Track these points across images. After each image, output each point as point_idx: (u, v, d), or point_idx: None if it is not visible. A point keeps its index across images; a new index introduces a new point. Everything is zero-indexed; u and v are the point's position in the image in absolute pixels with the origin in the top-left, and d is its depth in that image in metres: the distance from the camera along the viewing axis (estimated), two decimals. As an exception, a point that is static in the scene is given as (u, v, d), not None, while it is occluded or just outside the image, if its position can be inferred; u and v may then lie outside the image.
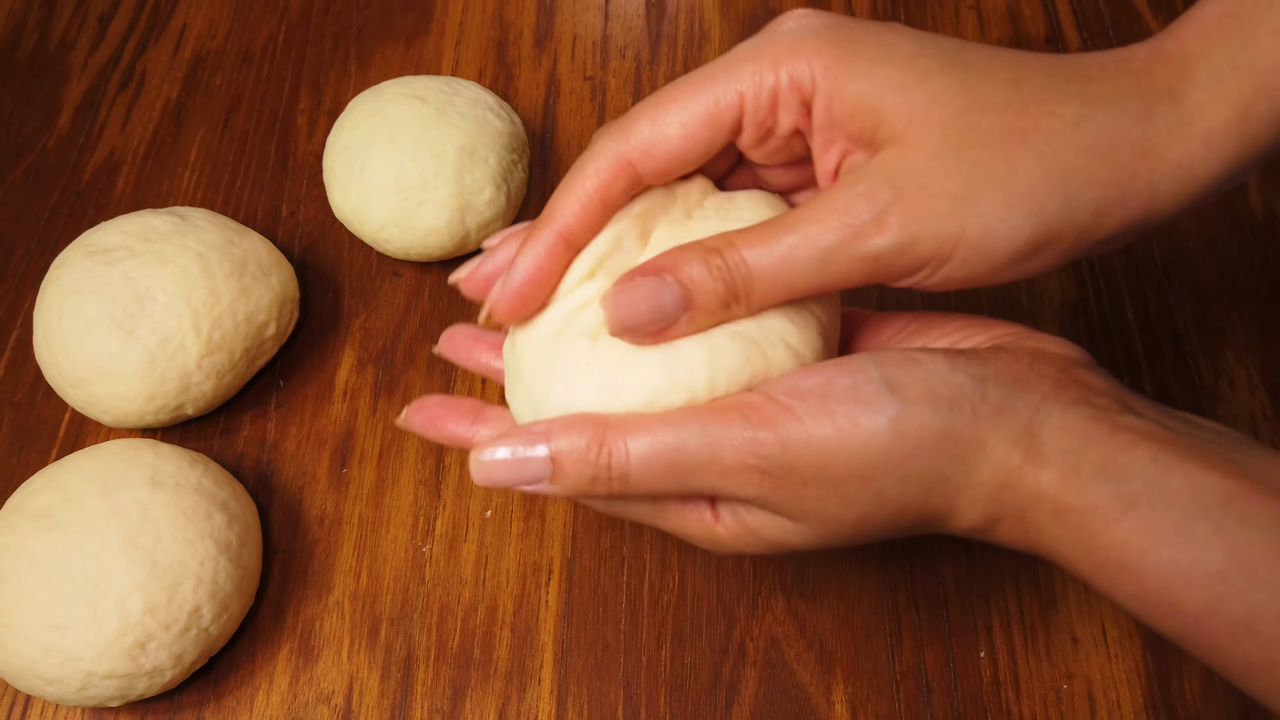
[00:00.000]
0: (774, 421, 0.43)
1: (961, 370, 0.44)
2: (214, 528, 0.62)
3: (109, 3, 0.93)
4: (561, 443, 0.45)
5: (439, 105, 0.74)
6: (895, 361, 0.44)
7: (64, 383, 0.68)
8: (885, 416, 0.43)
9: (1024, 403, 0.43)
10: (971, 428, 0.43)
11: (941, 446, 0.43)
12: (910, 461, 0.43)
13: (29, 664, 0.59)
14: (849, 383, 0.44)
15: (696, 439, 0.44)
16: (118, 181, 0.83)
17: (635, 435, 0.45)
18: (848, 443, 0.43)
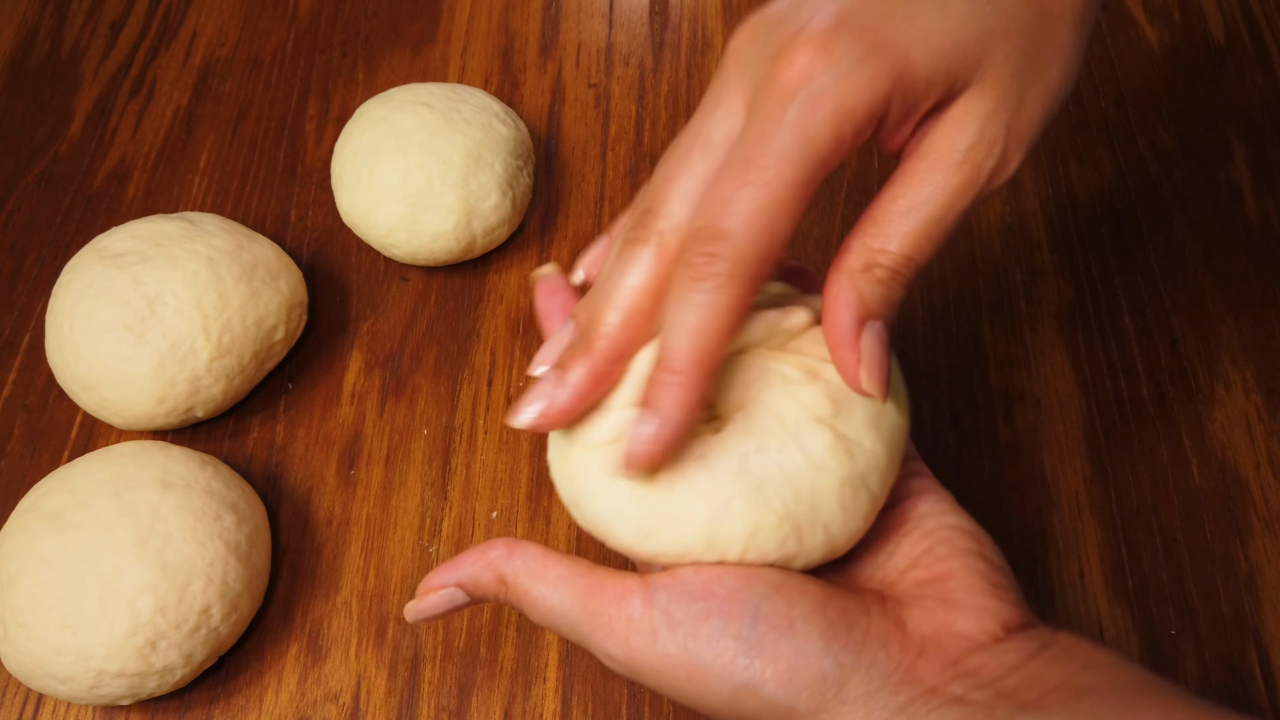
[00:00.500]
0: (632, 643, 0.44)
1: (832, 657, 0.42)
2: (223, 529, 0.62)
3: (120, 11, 0.93)
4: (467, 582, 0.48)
5: (445, 112, 0.74)
6: (772, 622, 0.43)
7: (76, 386, 0.68)
8: (729, 684, 0.42)
9: (886, 705, 0.42)
10: (813, 718, 0.42)
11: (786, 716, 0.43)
12: (748, 715, 0.43)
13: (41, 663, 0.59)
14: (717, 631, 0.43)
15: (568, 629, 0.46)
16: (129, 187, 0.83)
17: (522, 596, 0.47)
18: (696, 689, 0.43)
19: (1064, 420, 0.71)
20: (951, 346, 0.73)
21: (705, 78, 0.86)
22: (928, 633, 0.44)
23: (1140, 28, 0.87)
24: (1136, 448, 0.69)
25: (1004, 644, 0.43)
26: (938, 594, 0.45)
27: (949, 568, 0.46)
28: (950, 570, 0.45)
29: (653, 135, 0.83)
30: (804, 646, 0.42)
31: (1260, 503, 0.67)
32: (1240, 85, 0.85)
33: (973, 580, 0.45)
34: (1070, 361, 0.73)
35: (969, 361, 0.73)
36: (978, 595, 0.44)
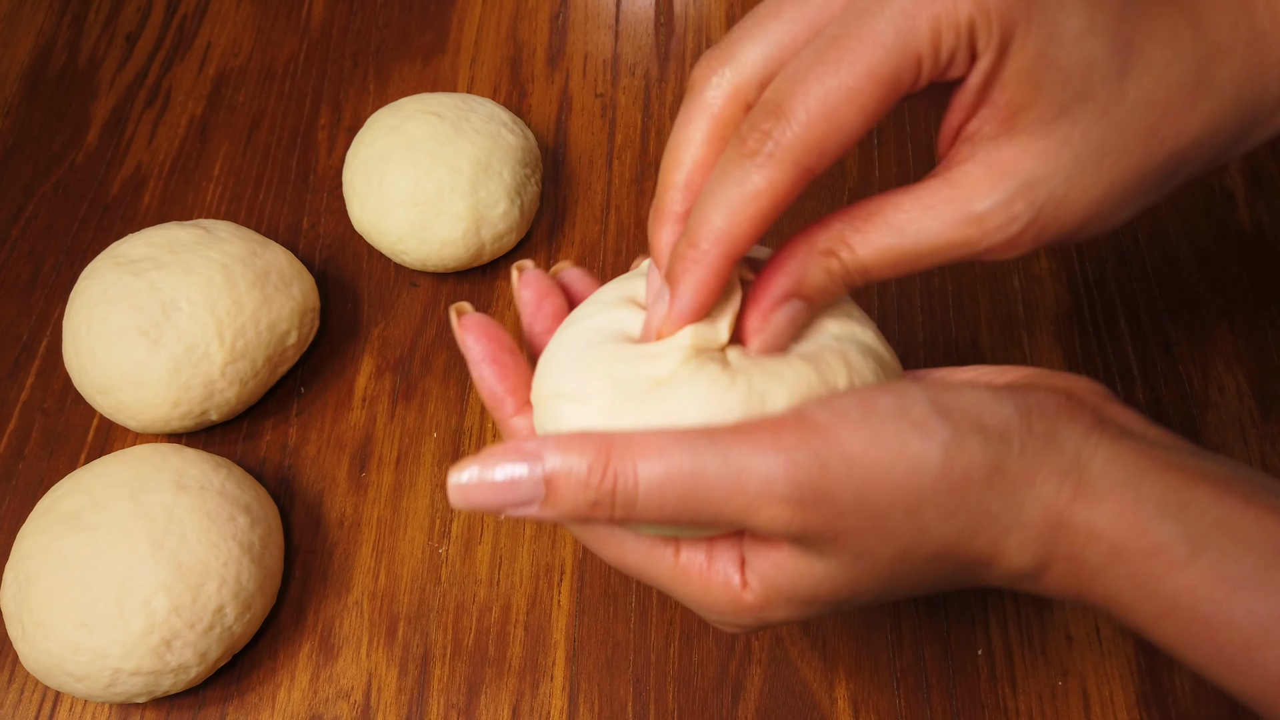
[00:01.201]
0: (810, 441, 0.37)
1: (1006, 402, 0.39)
2: (237, 530, 0.62)
3: (136, 22, 0.93)
4: (557, 462, 0.38)
5: (455, 121, 0.74)
6: (940, 390, 0.39)
7: (92, 389, 0.68)
8: (937, 441, 0.37)
9: (1069, 434, 0.39)
10: (1020, 461, 0.38)
11: (991, 480, 0.38)
12: (959, 494, 0.38)
13: (59, 661, 0.59)
14: (894, 403, 0.38)
15: (717, 465, 0.37)
16: (144, 195, 0.83)
17: (646, 457, 0.37)
18: (894, 466, 0.37)
19: (1061, 423, 0.71)
20: (951, 351, 0.73)
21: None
22: (1059, 385, 0.42)
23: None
24: (1132, 450, 0.69)
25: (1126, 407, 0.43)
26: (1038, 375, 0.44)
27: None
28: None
29: (658, 144, 0.83)
30: (979, 400, 0.39)
31: (1254, 505, 0.67)
32: (1234, 95, 0.84)
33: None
34: (1067, 366, 0.73)
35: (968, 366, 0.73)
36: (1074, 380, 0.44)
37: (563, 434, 0.39)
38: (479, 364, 0.46)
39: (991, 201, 0.39)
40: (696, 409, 0.40)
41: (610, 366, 0.42)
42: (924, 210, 0.40)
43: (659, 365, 0.41)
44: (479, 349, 0.46)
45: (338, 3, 0.93)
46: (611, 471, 0.38)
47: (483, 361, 0.46)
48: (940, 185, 0.40)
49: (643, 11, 0.91)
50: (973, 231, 0.39)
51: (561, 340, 0.45)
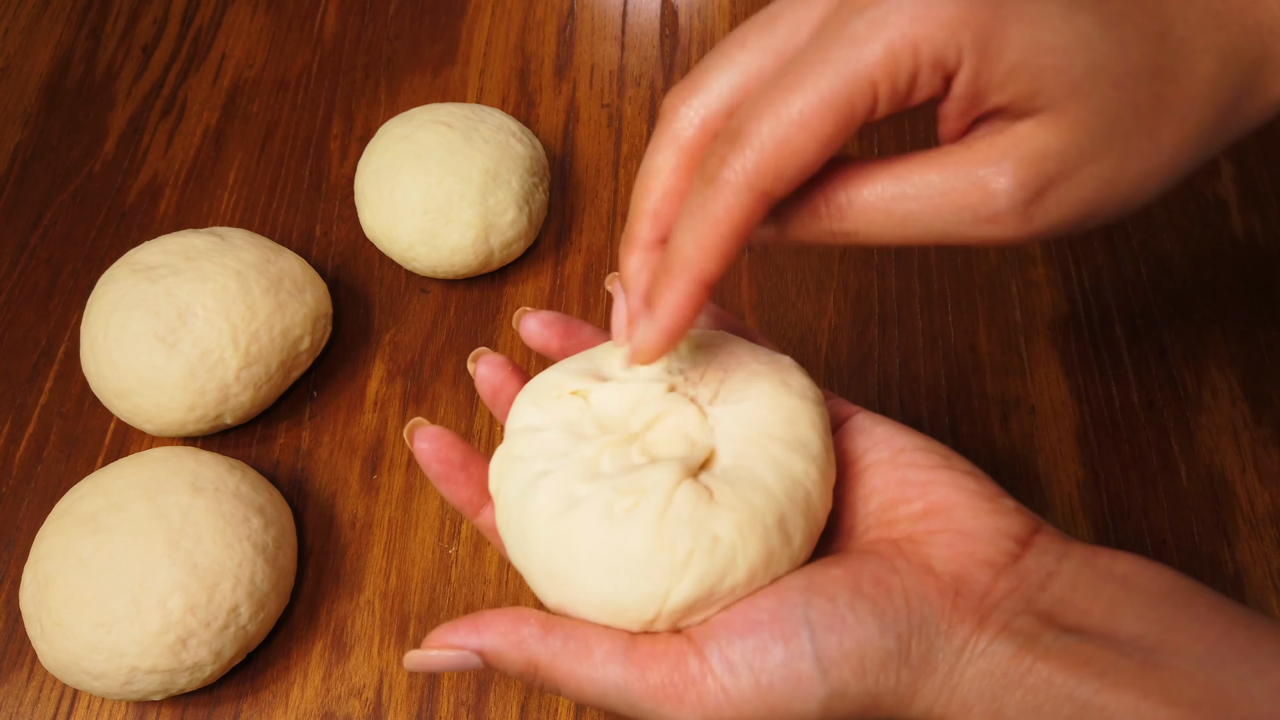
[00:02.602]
0: (701, 696, 0.41)
1: (890, 631, 0.41)
2: (251, 531, 0.62)
3: (152, 34, 0.93)
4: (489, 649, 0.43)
5: (464, 131, 0.74)
6: (826, 625, 0.41)
7: (109, 394, 0.68)
8: (816, 700, 0.40)
9: (945, 652, 0.41)
10: (894, 693, 0.41)
11: (869, 713, 0.41)
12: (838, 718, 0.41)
13: (76, 659, 0.59)
14: (783, 657, 0.40)
15: (622, 706, 0.42)
16: (160, 203, 0.83)
17: (562, 680, 0.43)
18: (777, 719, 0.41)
19: (1058, 426, 0.70)
20: (950, 356, 0.73)
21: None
22: (955, 570, 0.42)
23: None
24: (1127, 453, 0.69)
25: (1023, 562, 0.42)
26: (947, 525, 0.43)
27: (942, 495, 0.44)
28: (946, 498, 0.44)
29: (662, 153, 0.83)
30: (863, 635, 0.40)
31: (1246, 506, 0.67)
32: (1227, 105, 0.84)
33: (973, 502, 0.44)
34: (1064, 370, 0.72)
35: (966, 371, 0.73)
36: (984, 516, 0.43)
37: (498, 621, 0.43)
38: (436, 481, 0.49)
39: (999, 168, 0.38)
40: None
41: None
42: (929, 165, 0.39)
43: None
44: (433, 469, 0.49)
45: (350, 15, 0.93)
46: (535, 679, 0.43)
47: (438, 480, 0.49)
48: (949, 150, 0.39)
49: (648, 24, 0.91)
50: (976, 196, 0.38)
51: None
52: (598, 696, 0.42)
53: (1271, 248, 0.77)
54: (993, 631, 0.40)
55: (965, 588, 0.42)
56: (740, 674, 0.41)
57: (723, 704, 0.40)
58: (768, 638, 0.41)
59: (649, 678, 0.41)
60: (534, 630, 0.43)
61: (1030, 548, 0.43)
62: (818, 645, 0.40)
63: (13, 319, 0.78)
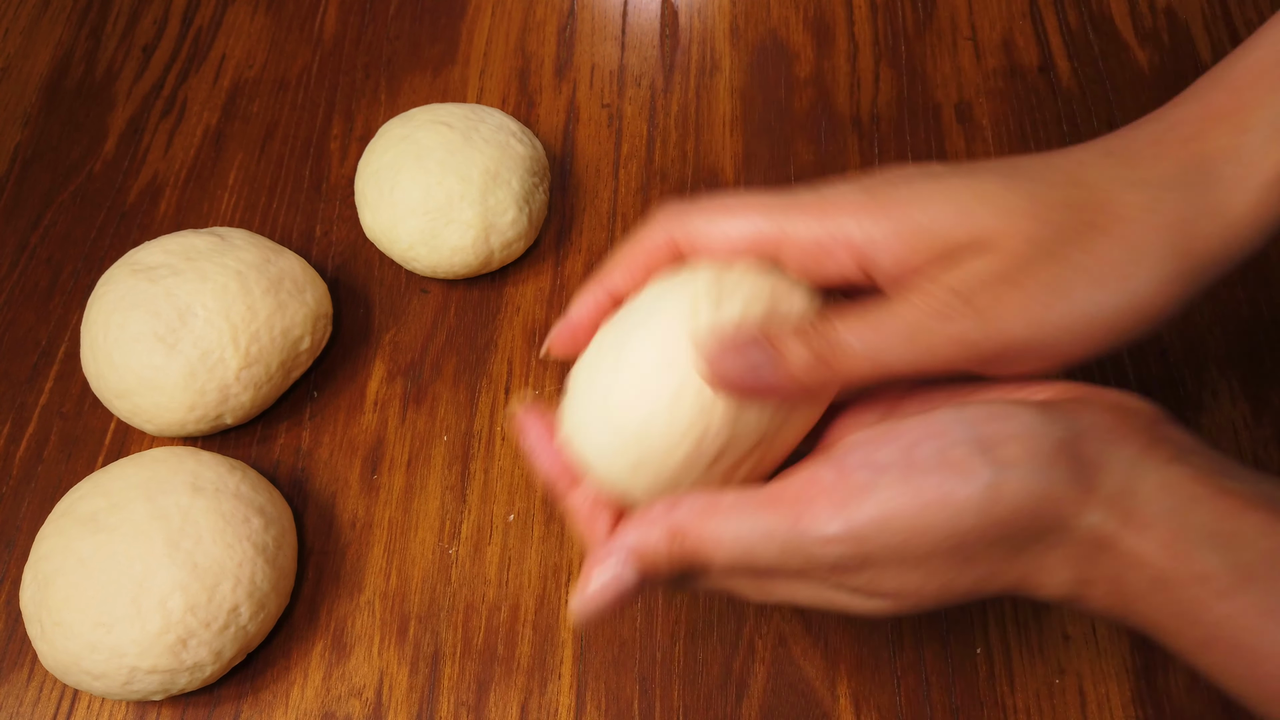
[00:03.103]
0: (848, 510, 0.39)
1: (1057, 423, 0.39)
2: (251, 531, 0.62)
3: (152, 34, 0.93)
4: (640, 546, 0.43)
5: (464, 131, 0.74)
6: (985, 418, 0.40)
7: (110, 394, 0.68)
8: (979, 483, 0.38)
9: (1120, 459, 0.39)
10: (1070, 487, 0.38)
11: (1039, 509, 0.38)
12: (1003, 526, 0.38)
13: (77, 660, 0.59)
14: (935, 448, 0.39)
15: (765, 539, 0.40)
16: (160, 203, 0.83)
17: (705, 526, 0.42)
18: (935, 518, 0.38)
19: (1058, 427, 0.70)
20: (950, 356, 0.73)
21: (714, 98, 0.86)
22: (1117, 401, 0.42)
23: (1131, 50, 0.87)
24: (1128, 453, 0.69)
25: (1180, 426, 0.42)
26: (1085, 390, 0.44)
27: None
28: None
29: (663, 154, 0.83)
30: (1027, 425, 0.39)
31: (1247, 506, 0.67)
32: (1227, 105, 0.84)
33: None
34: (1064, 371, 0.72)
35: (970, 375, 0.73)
36: (1127, 397, 0.43)
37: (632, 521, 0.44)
38: (535, 452, 0.50)
39: (947, 283, 0.42)
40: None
41: None
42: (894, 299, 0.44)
43: None
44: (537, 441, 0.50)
45: (350, 15, 0.93)
46: (688, 546, 0.42)
47: (538, 450, 0.50)
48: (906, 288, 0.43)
49: (648, 24, 0.91)
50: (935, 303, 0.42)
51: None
52: (740, 546, 0.41)
53: (1272, 249, 0.77)
54: (1167, 454, 0.39)
55: (1129, 415, 0.41)
56: (887, 470, 0.39)
57: (865, 505, 0.39)
58: (917, 437, 0.40)
59: (784, 504, 0.40)
60: (660, 508, 0.43)
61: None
62: (979, 431, 0.39)
63: (13, 319, 0.78)
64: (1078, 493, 0.38)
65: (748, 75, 0.87)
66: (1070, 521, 0.38)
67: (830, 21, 0.90)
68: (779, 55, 0.88)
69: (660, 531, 0.42)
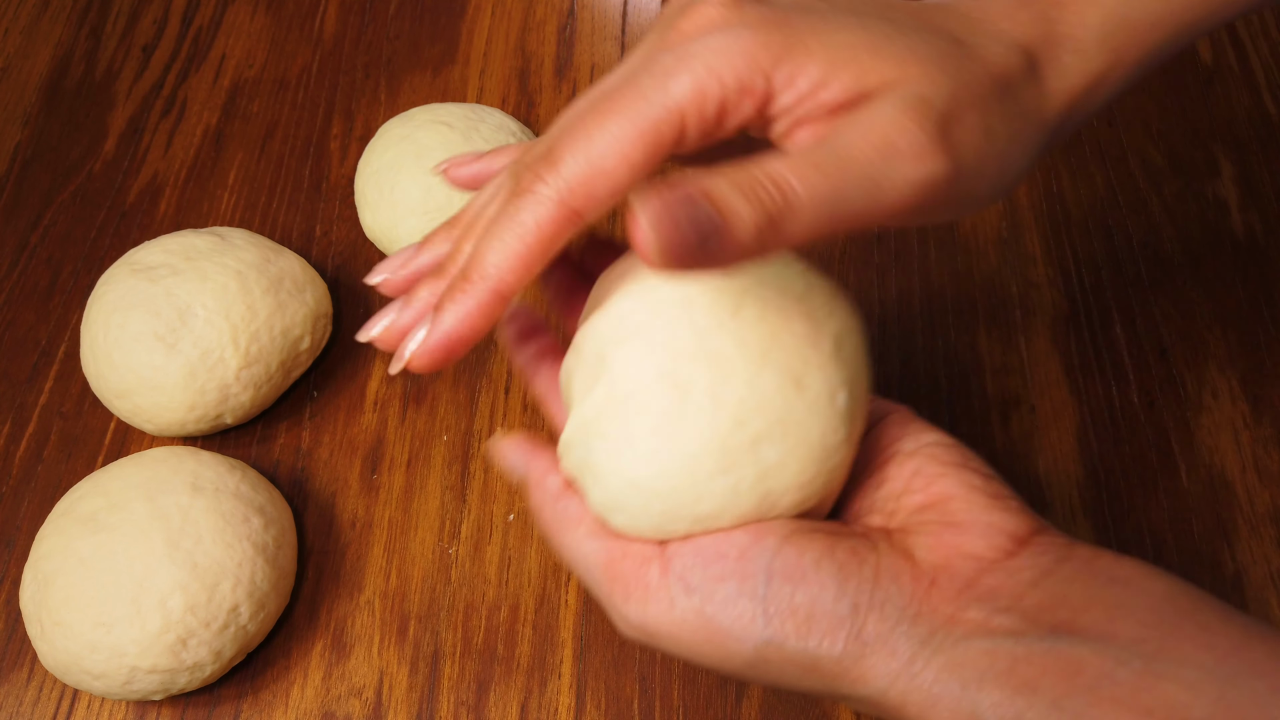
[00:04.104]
0: (649, 606, 0.42)
1: (847, 599, 0.40)
2: (251, 531, 0.62)
3: (152, 34, 0.93)
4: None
5: (465, 131, 0.74)
6: (786, 575, 0.41)
7: (109, 393, 0.68)
8: (752, 642, 0.41)
9: (908, 639, 0.39)
10: (838, 664, 0.40)
11: (813, 669, 0.40)
12: (778, 669, 0.41)
13: (77, 659, 0.59)
14: (733, 594, 0.41)
15: (586, 569, 0.45)
16: (160, 203, 0.83)
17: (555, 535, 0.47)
18: (712, 654, 0.42)
19: (1058, 426, 0.70)
20: (950, 356, 0.73)
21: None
22: (937, 560, 0.41)
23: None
24: (1127, 453, 0.69)
25: (1017, 559, 0.40)
26: (940, 518, 0.42)
27: (944, 488, 0.43)
28: (946, 490, 0.43)
29: (662, 153, 0.83)
30: (819, 594, 0.40)
31: (1246, 506, 0.67)
32: (1227, 105, 0.84)
33: (971, 496, 0.42)
34: (1064, 370, 0.72)
35: (967, 370, 0.73)
36: (979, 511, 0.42)
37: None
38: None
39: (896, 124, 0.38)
40: None
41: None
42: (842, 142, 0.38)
43: None
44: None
45: (350, 15, 0.93)
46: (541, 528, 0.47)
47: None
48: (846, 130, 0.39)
49: (648, 24, 0.91)
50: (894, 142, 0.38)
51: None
52: (575, 560, 0.45)
53: (1271, 248, 0.77)
54: (968, 627, 0.39)
55: (943, 578, 0.40)
56: (692, 596, 0.42)
57: (664, 614, 0.42)
58: (727, 571, 0.42)
59: (615, 568, 0.44)
60: (553, 485, 0.47)
61: (1027, 546, 0.41)
62: (770, 591, 0.41)
63: (13, 319, 0.78)
64: (848, 669, 0.40)
65: (748, 75, 0.87)
66: (847, 690, 0.40)
67: (830, 21, 0.90)
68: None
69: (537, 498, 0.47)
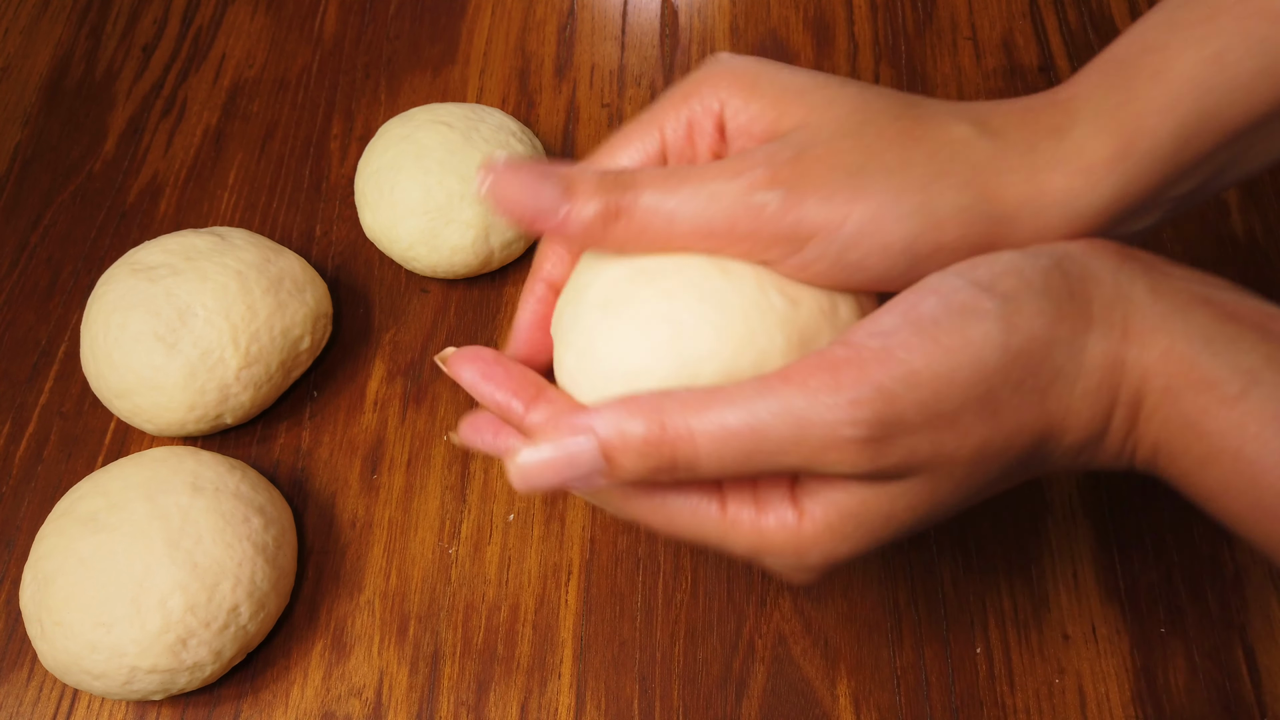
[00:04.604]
0: (869, 375, 0.36)
1: (1038, 255, 0.39)
2: (251, 530, 0.62)
3: (152, 34, 0.93)
4: (611, 432, 0.37)
5: (464, 131, 0.74)
6: (971, 266, 0.39)
7: (110, 393, 0.68)
8: (991, 317, 0.37)
9: (1104, 270, 0.38)
10: (1069, 304, 0.38)
11: (1052, 332, 0.37)
12: (1023, 360, 0.37)
13: (77, 659, 0.59)
14: (936, 301, 0.38)
15: (776, 417, 0.36)
16: (160, 203, 0.83)
17: (701, 415, 0.37)
18: (959, 364, 0.36)
19: (1058, 427, 0.70)
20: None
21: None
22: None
23: (1130, 50, 0.87)
24: (1128, 453, 0.69)
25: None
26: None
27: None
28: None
29: (662, 153, 0.83)
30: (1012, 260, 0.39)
31: (1247, 506, 0.67)
32: (1227, 105, 0.84)
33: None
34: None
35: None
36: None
37: (609, 401, 0.39)
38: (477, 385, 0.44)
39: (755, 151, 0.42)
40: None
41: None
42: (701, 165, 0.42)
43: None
44: (471, 371, 0.45)
45: (350, 15, 0.93)
46: (670, 436, 0.37)
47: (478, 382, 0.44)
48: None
49: (648, 24, 0.91)
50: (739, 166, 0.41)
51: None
52: (748, 435, 0.37)
53: (1271, 248, 0.77)
54: (1143, 265, 0.39)
55: (1096, 241, 0.41)
56: (898, 332, 0.37)
57: (888, 363, 0.37)
58: (917, 297, 0.39)
59: (793, 373, 0.37)
60: (647, 397, 0.38)
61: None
62: (972, 276, 0.38)
63: (13, 319, 0.78)
64: (1078, 308, 0.38)
65: (748, 75, 0.87)
66: (1082, 339, 0.38)
67: (830, 21, 0.90)
68: (779, 55, 0.88)
69: (642, 424, 0.38)
